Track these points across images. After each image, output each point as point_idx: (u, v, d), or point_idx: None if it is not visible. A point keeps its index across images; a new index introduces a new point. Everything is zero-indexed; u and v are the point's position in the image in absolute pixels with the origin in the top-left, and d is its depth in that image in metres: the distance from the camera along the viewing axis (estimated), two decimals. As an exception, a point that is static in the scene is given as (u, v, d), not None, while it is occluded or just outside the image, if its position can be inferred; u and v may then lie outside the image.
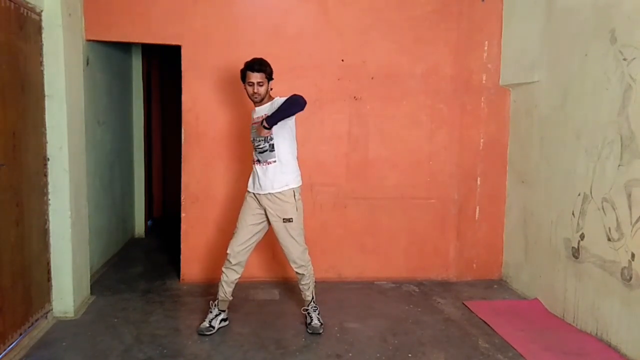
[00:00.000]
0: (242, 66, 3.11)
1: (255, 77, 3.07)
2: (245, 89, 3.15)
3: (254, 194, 3.21)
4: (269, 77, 3.13)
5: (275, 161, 3.12)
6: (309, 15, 4.17)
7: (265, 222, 3.24)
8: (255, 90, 3.09)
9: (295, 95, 3.05)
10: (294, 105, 3.04)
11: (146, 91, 5.84)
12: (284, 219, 3.15)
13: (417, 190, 4.37)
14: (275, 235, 3.23)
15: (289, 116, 3.08)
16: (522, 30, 4.05)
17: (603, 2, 3.18)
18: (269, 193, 3.14)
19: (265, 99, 3.16)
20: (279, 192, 3.13)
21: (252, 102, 3.24)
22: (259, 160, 3.16)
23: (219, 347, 3.05)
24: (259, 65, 3.09)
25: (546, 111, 3.81)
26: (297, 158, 3.27)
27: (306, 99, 3.08)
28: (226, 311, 3.33)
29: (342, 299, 3.91)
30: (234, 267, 3.21)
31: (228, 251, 3.21)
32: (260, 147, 3.14)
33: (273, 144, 3.11)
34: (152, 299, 3.83)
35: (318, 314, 3.34)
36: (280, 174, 3.13)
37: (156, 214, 6.55)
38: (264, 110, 3.13)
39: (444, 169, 4.38)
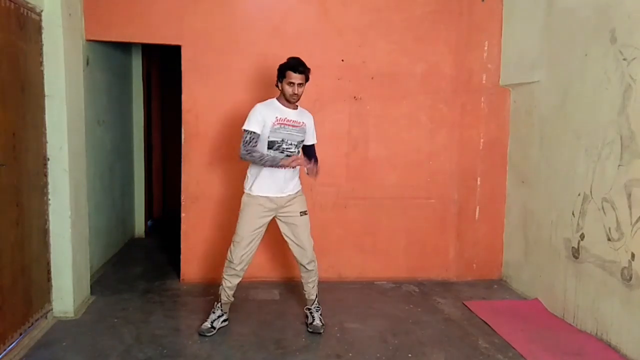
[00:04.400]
0: (242, 65, 3.10)
1: (297, 78, 3.06)
2: (282, 87, 3.11)
3: (273, 197, 3.15)
4: (307, 80, 3.15)
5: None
6: (309, 15, 4.17)
7: (265, 222, 3.22)
8: (296, 92, 3.08)
9: (316, 161, 3.29)
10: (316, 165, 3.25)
11: (146, 91, 5.84)
12: (301, 212, 3.25)
13: (417, 190, 4.37)
14: (293, 235, 3.25)
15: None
16: (522, 30, 4.05)
17: (603, 2, 3.18)
18: (290, 194, 3.21)
19: None
20: (299, 190, 3.27)
21: (263, 100, 3.22)
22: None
23: (219, 347, 3.05)
24: (302, 67, 3.08)
25: (546, 111, 3.81)
26: None
27: (306, 99, 3.10)
28: (227, 312, 3.33)
29: (342, 299, 3.91)
30: (238, 274, 3.20)
31: (232, 259, 3.15)
32: (290, 150, 3.16)
33: (299, 150, 3.24)
34: (152, 299, 3.83)
35: (320, 314, 3.34)
36: (297, 177, 3.26)
37: (156, 214, 6.55)
38: (296, 116, 3.17)
39: (444, 169, 4.38)
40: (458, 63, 4.30)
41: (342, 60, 4.20)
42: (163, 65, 6.47)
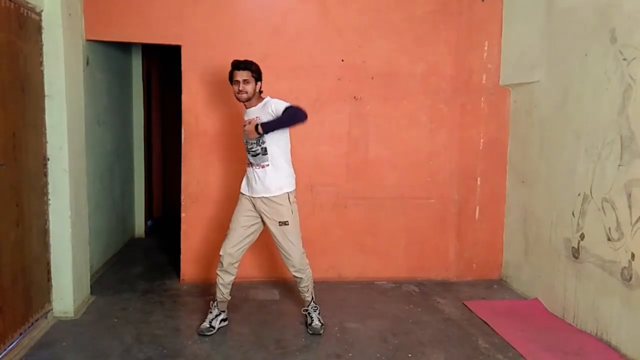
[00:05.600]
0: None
1: (241, 74, 3.04)
2: (233, 89, 3.12)
3: (248, 196, 3.19)
4: (256, 77, 3.09)
5: (268, 165, 3.10)
6: (309, 15, 4.17)
7: (259, 224, 3.22)
8: (241, 89, 3.03)
9: (296, 108, 2.99)
10: (294, 119, 3.00)
11: (146, 91, 5.84)
12: (279, 222, 3.13)
13: (417, 190, 4.37)
14: (273, 239, 3.22)
15: (287, 127, 3.06)
16: (522, 30, 4.05)
17: (603, 2, 3.18)
18: (264, 197, 3.12)
19: (254, 100, 3.12)
20: (274, 196, 3.12)
21: (243, 105, 3.20)
22: (251, 164, 3.14)
23: (219, 347, 3.05)
24: (243, 63, 3.07)
25: (546, 111, 3.81)
26: (293, 160, 3.24)
27: (306, 99, 3.08)
28: (226, 311, 3.33)
29: (342, 299, 3.91)
30: (227, 269, 3.19)
31: (221, 253, 3.18)
32: (253, 150, 3.12)
33: (265, 147, 3.08)
34: (152, 299, 3.83)
35: (318, 314, 3.34)
36: (274, 178, 3.11)
37: (156, 214, 6.55)
38: (256, 112, 3.09)
39: (444, 169, 4.38)
40: (458, 63, 4.29)
41: (342, 60, 4.20)
42: (163, 65, 6.47)
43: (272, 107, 3.03)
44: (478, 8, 4.25)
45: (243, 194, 3.23)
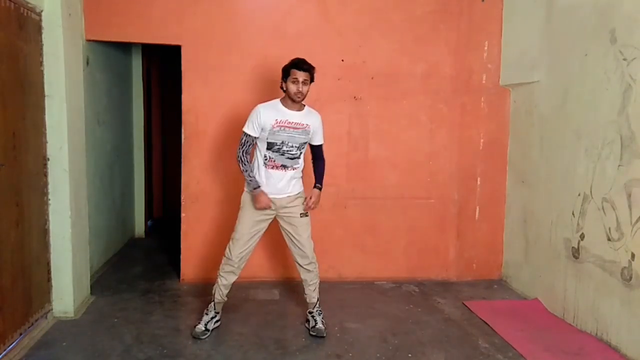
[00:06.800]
0: (243, 65, 3.09)
1: (302, 75, 3.01)
2: (286, 86, 3.04)
3: (270, 198, 3.13)
4: (312, 79, 3.10)
5: (298, 166, 3.18)
6: (309, 15, 4.17)
7: (266, 224, 3.22)
8: (300, 89, 3.00)
9: (323, 160, 3.31)
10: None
11: (146, 91, 5.84)
12: (301, 213, 3.20)
13: (417, 190, 4.37)
14: (292, 235, 3.21)
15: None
16: (522, 30, 4.05)
17: (603, 2, 3.18)
18: (290, 195, 3.17)
19: (299, 103, 3.11)
20: (298, 193, 3.22)
21: (264, 102, 3.15)
22: (284, 166, 3.11)
23: (219, 347, 3.05)
24: (307, 65, 3.05)
25: (546, 111, 3.81)
26: None
27: (306, 99, 3.08)
28: (220, 312, 3.33)
29: (342, 299, 3.91)
30: (235, 271, 3.19)
31: (230, 257, 3.16)
32: (291, 152, 3.11)
33: (302, 152, 3.17)
34: (152, 299, 3.83)
35: (322, 318, 3.33)
36: (298, 177, 3.22)
37: (156, 214, 6.55)
38: (298, 117, 3.08)
39: (444, 169, 4.38)
40: (458, 63, 4.29)
41: (342, 60, 4.20)
42: (163, 65, 6.47)
43: (315, 125, 3.17)
44: (478, 8, 4.25)
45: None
